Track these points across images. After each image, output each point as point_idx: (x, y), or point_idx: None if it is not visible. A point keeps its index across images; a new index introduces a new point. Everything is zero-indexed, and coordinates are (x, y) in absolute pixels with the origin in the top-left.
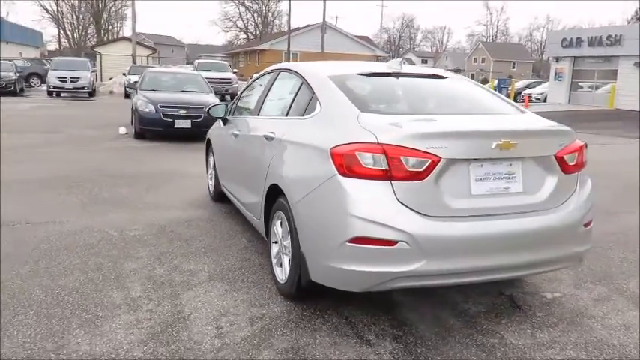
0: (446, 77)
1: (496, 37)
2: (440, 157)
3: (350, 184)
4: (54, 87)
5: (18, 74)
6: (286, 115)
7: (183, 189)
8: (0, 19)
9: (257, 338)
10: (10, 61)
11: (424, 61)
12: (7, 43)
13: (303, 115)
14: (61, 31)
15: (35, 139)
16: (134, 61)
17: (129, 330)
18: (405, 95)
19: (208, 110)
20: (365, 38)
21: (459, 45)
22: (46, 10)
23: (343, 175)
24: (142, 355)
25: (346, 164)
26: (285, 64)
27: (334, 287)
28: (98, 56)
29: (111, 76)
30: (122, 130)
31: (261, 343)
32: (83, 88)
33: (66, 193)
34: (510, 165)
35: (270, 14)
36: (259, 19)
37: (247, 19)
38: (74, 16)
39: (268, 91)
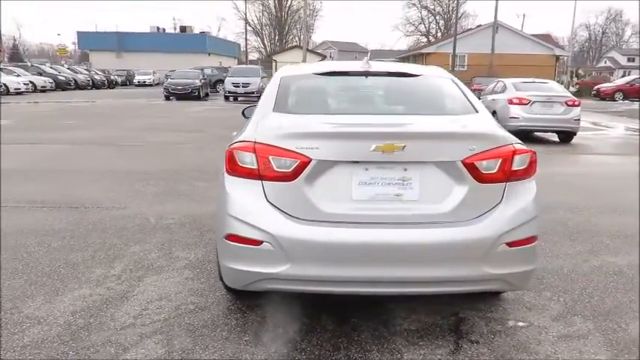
0: (417, 75)
1: None
2: (310, 158)
3: (230, 182)
4: (229, 92)
5: (203, 81)
6: None
7: None
8: (205, 34)
9: (162, 325)
10: (199, 70)
11: (630, 59)
12: (209, 54)
13: None
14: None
15: (178, 137)
16: None
17: (74, 302)
18: (343, 95)
19: (243, 111)
20: (545, 37)
21: None
22: (248, 23)
23: (228, 173)
24: (62, 323)
25: (229, 162)
26: None
27: (226, 284)
28: (274, 63)
29: None
30: None
31: (159, 330)
32: (253, 92)
33: (153, 184)
34: (405, 170)
35: (453, 16)
36: (442, 21)
37: (429, 22)
38: (271, 28)
39: None
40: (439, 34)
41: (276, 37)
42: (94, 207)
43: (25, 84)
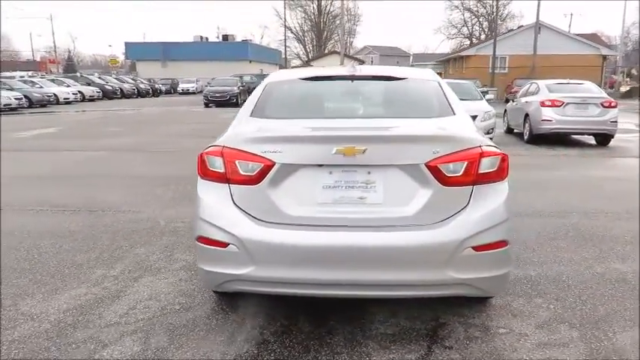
0: (402, 78)
1: None
2: (273, 162)
3: (201, 185)
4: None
5: (241, 88)
6: None
7: None
8: (247, 42)
9: (144, 324)
10: (238, 77)
11: None
12: (250, 61)
13: None
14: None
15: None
16: None
17: (70, 300)
18: (322, 99)
19: None
20: (591, 36)
21: None
22: (290, 29)
23: (200, 177)
24: (53, 320)
25: (201, 166)
26: None
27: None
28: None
29: None
30: None
31: (140, 329)
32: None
33: (173, 188)
34: (369, 173)
35: (498, 17)
36: (486, 23)
37: (472, 24)
38: (313, 34)
39: None
40: (482, 37)
41: (315, 43)
42: (110, 210)
43: (74, 94)
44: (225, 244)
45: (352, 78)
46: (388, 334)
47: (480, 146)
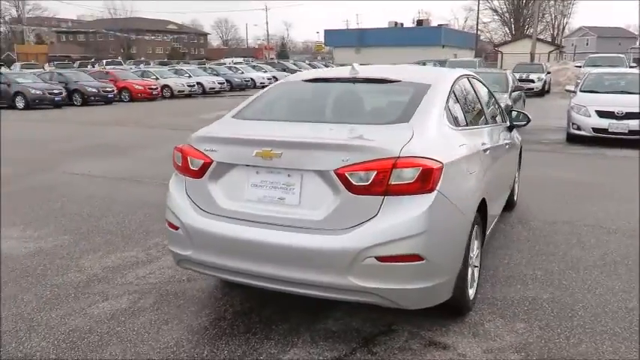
0: (395, 81)
1: None
2: (212, 159)
3: (172, 177)
4: None
5: None
6: None
7: None
8: (440, 27)
9: (148, 287)
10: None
11: None
12: (442, 46)
13: None
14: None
15: None
16: (532, 59)
17: (116, 260)
18: (303, 103)
19: None
20: None
21: None
22: (495, 11)
23: (175, 170)
24: (90, 273)
25: (173, 160)
26: None
27: None
28: (499, 55)
29: None
30: None
31: (140, 290)
32: None
33: None
34: (289, 176)
35: None
36: None
37: None
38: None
39: None
40: None
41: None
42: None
43: (268, 79)
44: (176, 228)
45: (353, 80)
46: (331, 330)
47: (395, 157)
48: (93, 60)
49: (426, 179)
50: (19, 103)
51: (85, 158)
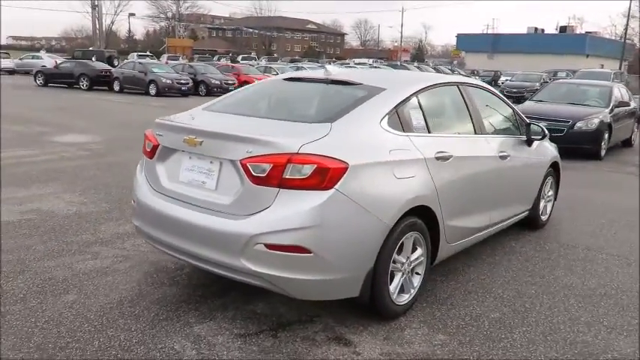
0: (355, 84)
1: None
2: (159, 143)
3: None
4: None
5: (544, 84)
6: None
7: None
8: (586, 35)
9: (139, 256)
10: (544, 73)
11: None
12: (587, 56)
13: None
14: None
15: None
16: None
17: (129, 229)
18: (264, 99)
19: None
20: None
21: None
22: None
23: None
24: (101, 237)
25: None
26: None
27: None
28: None
29: None
30: None
31: (130, 257)
32: None
33: None
34: (211, 162)
35: None
36: None
37: None
38: None
39: None
40: None
41: None
42: None
43: None
44: (134, 201)
45: (323, 81)
46: (256, 312)
47: (292, 153)
48: (231, 55)
49: (322, 177)
50: (152, 90)
51: None
